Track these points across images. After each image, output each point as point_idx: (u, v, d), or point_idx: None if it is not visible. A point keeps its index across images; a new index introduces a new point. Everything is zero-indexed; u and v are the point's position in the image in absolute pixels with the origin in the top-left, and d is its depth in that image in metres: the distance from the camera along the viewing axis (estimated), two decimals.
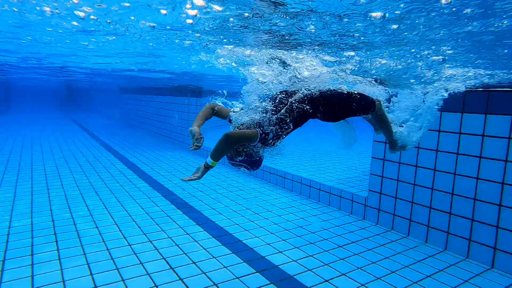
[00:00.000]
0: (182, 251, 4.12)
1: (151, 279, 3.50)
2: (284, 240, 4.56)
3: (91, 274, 3.54)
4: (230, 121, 3.00)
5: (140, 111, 17.70)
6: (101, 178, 7.39)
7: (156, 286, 3.36)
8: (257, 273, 3.68)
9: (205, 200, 6.14)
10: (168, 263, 3.82)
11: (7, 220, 4.84)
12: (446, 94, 3.70)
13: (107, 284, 3.38)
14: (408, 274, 3.81)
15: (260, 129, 2.70)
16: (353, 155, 9.62)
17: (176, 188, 6.87)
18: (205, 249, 4.20)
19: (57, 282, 3.35)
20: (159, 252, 4.06)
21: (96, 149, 11.24)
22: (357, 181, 6.57)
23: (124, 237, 4.44)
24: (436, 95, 3.68)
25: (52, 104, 38.89)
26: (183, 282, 3.46)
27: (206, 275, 3.59)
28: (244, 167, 2.95)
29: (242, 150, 2.83)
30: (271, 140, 2.77)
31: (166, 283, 3.42)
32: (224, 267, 3.79)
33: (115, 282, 3.43)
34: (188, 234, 4.62)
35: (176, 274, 3.61)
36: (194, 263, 3.84)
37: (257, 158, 2.94)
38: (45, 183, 6.79)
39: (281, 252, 4.21)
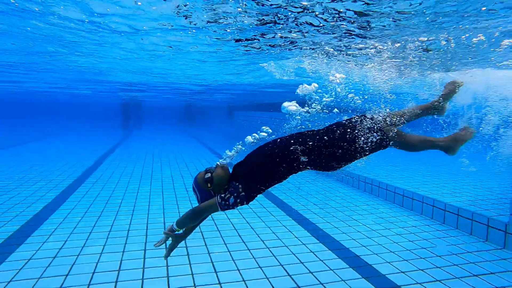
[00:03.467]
0: (299, 260, 4.18)
1: (270, 283, 3.63)
2: (406, 260, 4.24)
3: (215, 271, 3.85)
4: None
5: (252, 126, 18.70)
6: None
7: None
8: None
9: (319, 213, 6.12)
10: (285, 270, 3.91)
11: (145, 222, 5.63)
12: None
13: (230, 282, 3.64)
14: None
15: (220, 197, 2.58)
16: (484, 172, 8.45)
17: (290, 200, 7.02)
18: (321, 260, 4.18)
19: (187, 274, 3.75)
20: (276, 259, 4.20)
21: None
22: (492, 203, 5.74)
23: (244, 242, 4.71)
24: None
25: (172, 121, 44.03)
26: None
27: (325, 287, 3.56)
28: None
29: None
30: (239, 201, 2.55)
31: None
32: (342, 280, 3.71)
33: (237, 281, 3.66)
34: (304, 244, 4.67)
35: (294, 281, 3.67)
36: (312, 273, 3.86)
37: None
38: (173, 192, 7.70)
39: (403, 272, 3.92)
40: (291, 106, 3.02)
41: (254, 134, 3.05)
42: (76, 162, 11.28)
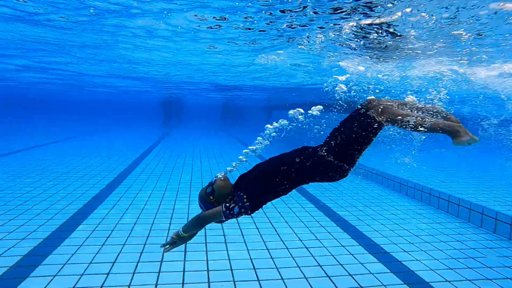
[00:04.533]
0: (338, 261, 4.12)
1: (309, 283, 3.61)
2: (452, 269, 4.04)
3: (254, 268, 3.89)
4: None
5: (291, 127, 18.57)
6: None
7: None
8: None
9: (359, 215, 6.00)
10: (324, 271, 3.88)
11: (185, 217, 5.80)
12: None
13: (268, 280, 3.66)
14: None
15: (225, 206, 2.59)
16: None
17: (328, 201, 6.94)
18: (361, 263, 4.09)
19: (226, 269, 3.82)
20: (315, 259, 4.17)
21: None
22: None
23: (282, 241, 4.72)
24: None
25: (211, 120, 44.84)
26: None
27: None
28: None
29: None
30: (243, 211, 2.54)
31: None
32: (383, 285, 3.61)
33: (275, 279, 3.68)
34: (343, 246, 4.59)
35: (333, 283, 3.62)
36: (351, 275, 3.79)
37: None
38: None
39: (449, 281, 3.75)
40: (339, 86, 2.97)
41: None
42: (121, 156, 11.84)
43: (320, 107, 2.96)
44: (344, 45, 5.80)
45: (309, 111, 3.00)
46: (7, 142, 15.23)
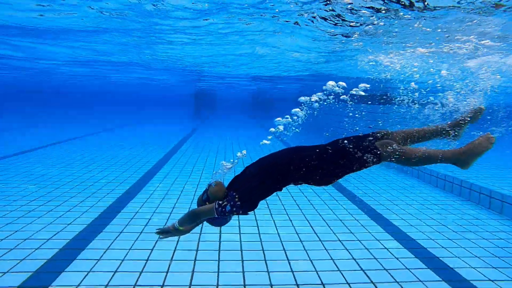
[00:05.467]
0: (373, 255, 4.07)
1: (343, 275, 3.60)
2: (495, 268, 3.89)
3: (288, 260, 3.92)
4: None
5: (321, 119, 18.29)
6: None
7: (349, 284, 3.44)
8: None
9: (394, 209, 5.87)
10: (358, 264, 3.85)
11: None
12: None
13: (301, 271, 3.68)
14: None
15: (217, 203, 2.65)
16: None
17: (362, 194, 6.84)
18: (396, 258, 4.02)
19: (261, 260, 3.88)
20: (349, 252, 4.14)
21: None
22: None
23: (315, 233, 4.72)
24: None
25: (243, 111, 45.15)
26: (375, 286, 3.42)
27: (401, 286, 3.43)
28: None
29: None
30: (235, 210, 2.60)
31: (358, 283, 3.46)
32: (420, 280, 3.54)
33: (309, 271, 3.69)
34: (378, 240, 4.53)
35: (368, 277, 3.59)
36: (386, 270, 3.74)
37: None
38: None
39: (492, 281, 3.61)
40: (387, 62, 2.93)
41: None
42: (157, 147, 12.22)
43: (365, 85, 2.92)
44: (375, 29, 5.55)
45: (352, 91, 2.97)
46: (51, 133, 16.14)
